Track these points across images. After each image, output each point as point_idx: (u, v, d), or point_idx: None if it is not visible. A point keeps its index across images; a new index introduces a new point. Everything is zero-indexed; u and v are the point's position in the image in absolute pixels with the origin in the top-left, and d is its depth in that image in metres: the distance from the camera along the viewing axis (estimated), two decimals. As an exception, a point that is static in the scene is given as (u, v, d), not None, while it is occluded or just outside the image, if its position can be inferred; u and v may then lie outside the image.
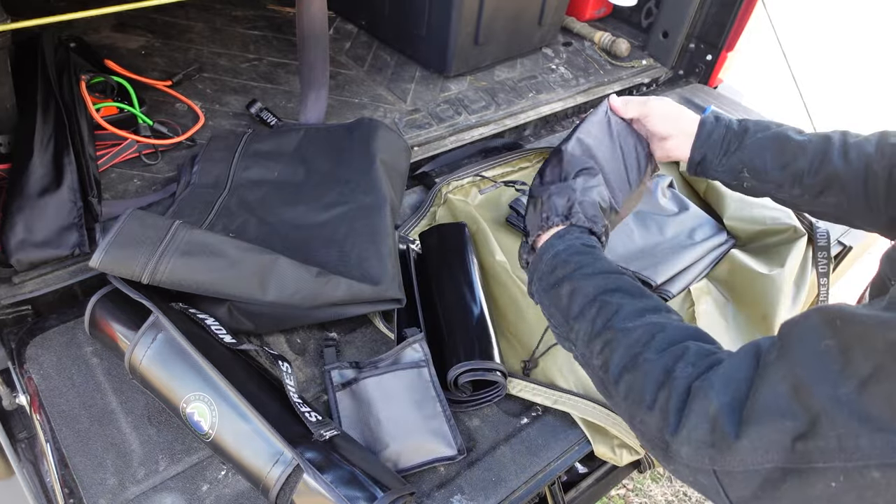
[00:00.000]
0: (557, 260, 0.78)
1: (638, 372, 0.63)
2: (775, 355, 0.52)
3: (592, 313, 0.70)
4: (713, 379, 0.56)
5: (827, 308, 0.50)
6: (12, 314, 1.00)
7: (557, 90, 1.74)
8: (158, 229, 0.92)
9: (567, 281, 0.75)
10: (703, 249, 1.30)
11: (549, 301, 0.78)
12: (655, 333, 0.65)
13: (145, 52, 1.63)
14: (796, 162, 0.90)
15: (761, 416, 0.50)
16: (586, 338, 0.70)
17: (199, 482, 0.85)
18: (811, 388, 0.47)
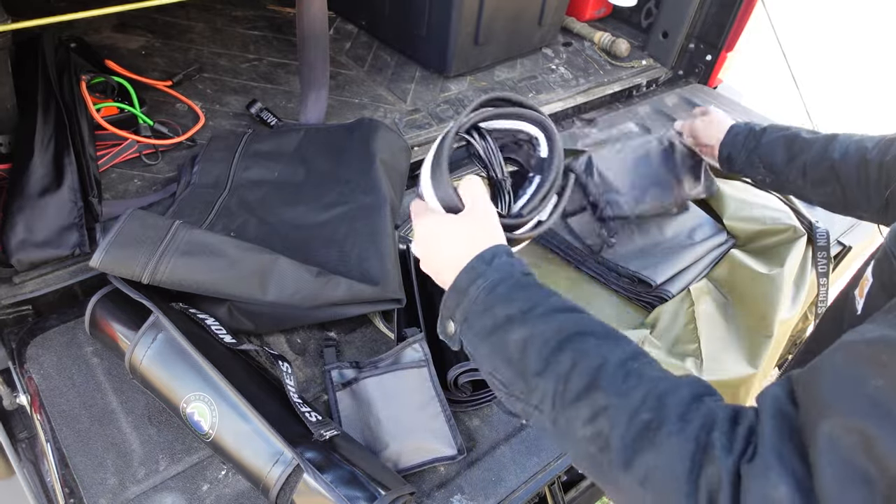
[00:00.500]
0: (494, 296, 0.61)
1: (661, 450, 0.48)
2: (815, 413, 0.44)
3: (564, 368, 0.55)
4: (767, 457, 0.45)
5: (854, 342, 0.44)
6: (13, 314, 1.00)
7: (557, 90, 1.74)
8: (159, 229, 0.92)
9: (516, 325, 0.58)
10: (702, 249, 1.30)
11: (490, 351, 0.60)
12: (664, 394, 0.52)
13: (146, 52, 1.64)
14: (802, 156, 1.05)
15: (839, 491, 0.41)
16: (560, 401, 0.54)
17: (200, 482, 0.85)
18: (881, 442, 0.39)
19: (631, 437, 0.50)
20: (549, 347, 0.56)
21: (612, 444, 0.50)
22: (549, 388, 0.55)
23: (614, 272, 1.24)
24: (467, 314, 0.62)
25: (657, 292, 1.20)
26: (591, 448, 0.52)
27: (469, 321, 0.62)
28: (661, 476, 0.48)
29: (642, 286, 1.22)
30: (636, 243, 1.29)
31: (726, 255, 1.30)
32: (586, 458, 0.53)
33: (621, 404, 0.51)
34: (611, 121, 1.74)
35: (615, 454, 0.50)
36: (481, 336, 0.61)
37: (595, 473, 0.54)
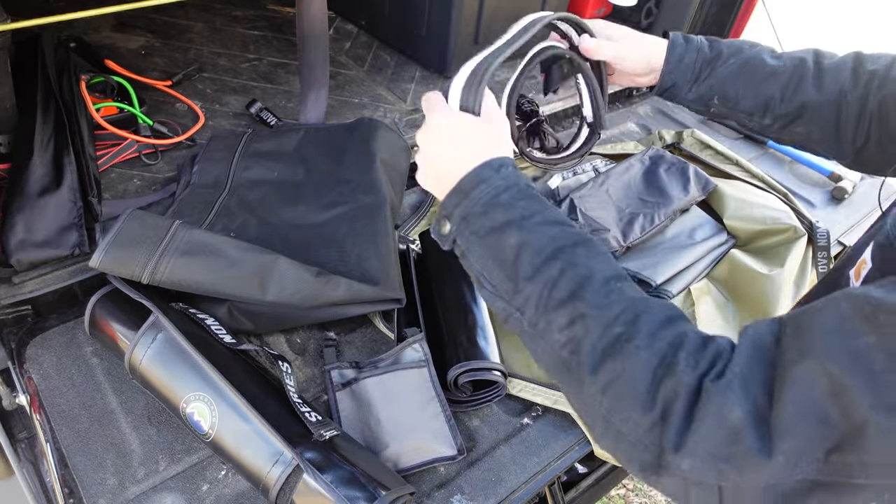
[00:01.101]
0: (499, 201, 0.62)
1: (627, 360, 0.51)
2: (797, 352, 0.44)
3: (552, 275, 0.57)
4: (732, 380, 0.46)
5: (859, 296, 0.43)
6: (12, 314, 1.00)
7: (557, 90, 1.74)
8: (158, 229, 0.92)
9: (514, 229, 0.60)
10: (703, 249, 1.30)
11: (486, 251, 0.61)
12: (640, 312, 0.54)
13: (145, 51, 1.63)
14: (768, 90, 0.87)
15: (794, 426, 0.42)
16: (543, 306, 0.57)
17: (200, 482, 0.85)
18: (853, 392, 0.40)
19: (602, 346, 0.52)
20: (542, 256, 0.58)
21: (583, 349, 0.53)
22: (535, 292, 0.57)
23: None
24: (467, 214, 0.63)
25: (657, 292, 1.20)
26: (563, 352, 0.55)
27: (468, 220, 0.63)
28: (622, 384, 0.51)
29: (642, 286, 1.22)
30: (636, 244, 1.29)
31: (726, 255, 1.30)
32: (556, 361, 0.56)
33: (599, 315, 0.54)
34: (611, 120, 1.74)
35: (585, 358, 0.53)
36: (478, 236, 0.62)
37: (561, 376, 0.57)
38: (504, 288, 0.60)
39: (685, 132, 1.62)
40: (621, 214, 1.30)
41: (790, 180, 1.57)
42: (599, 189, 1.34)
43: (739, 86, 0.89)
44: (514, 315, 0.59)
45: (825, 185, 1.57)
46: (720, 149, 1.57)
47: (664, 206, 1.32)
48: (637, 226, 1.28)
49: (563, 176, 1.43)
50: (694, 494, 0.48)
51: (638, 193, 1.36)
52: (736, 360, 0.48)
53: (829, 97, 0.84)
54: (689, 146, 1.59)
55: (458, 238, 0.64)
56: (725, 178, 1.50)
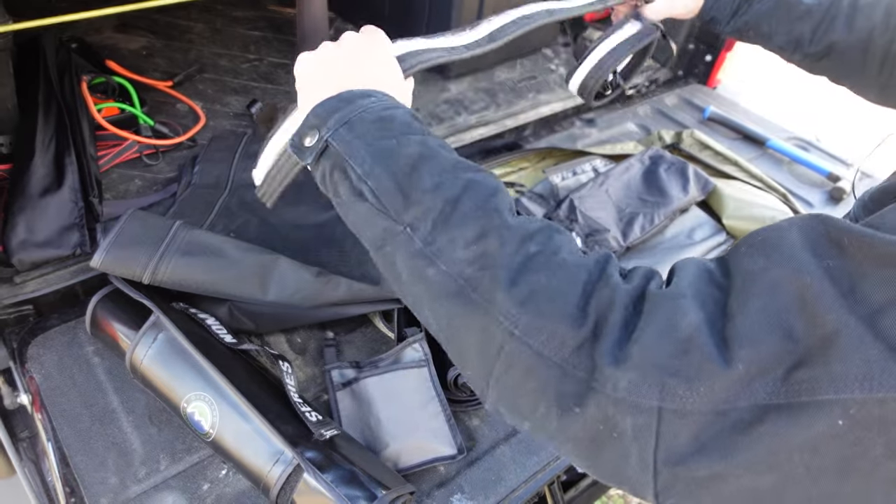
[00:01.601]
0: (392, 113, 0.54)
1: (552, 271, 0.44)
2: (762, 262, 0.40)
3: (455, 192, 0.48)
4: (683, 289, 0.41)
5: (824, 220, 0.40)
6: (14, 314, 1.01)
7: (557, 90, 1.74)
8: (159, 229, 0.92)
9: (414, 141, 0.52)
10: (702, 249, 1.30)
11: (373, 157, 0.51)
12: (554, 234, 0.47)
13: (146, 52, 1.64)
14: (800, 28, 0.91)
15: (756, 335, 0.37)
16: (444, 220, 0.48)
17: (200, 481, 0.85)
18: (823, 300, 0.36)
19: (520, 259, 0.45)
20: (447, 171, 0.50)
21: (498, 262, 0.45)
22: (435, 206, 0.48)
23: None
24: (350, 118, 0.53)
25: (657, 292, 1.21)
26: (467, 269, 0.45)
27: (351, 124, 0.53)
28: (547, 296, 0.43)
29: (642, 286, 1.22)
30: (636, 243, 1.30)
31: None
32: (455, 284, 0.46)
33: (515, 228, 0.47)
34: (610, 121, 1.74)
35: (500, 271, 0.44)
36: (364, 139, 0.52)
37: (457, 303, 0.46)
38: (391, 201, 0.50)
39: (684, 132, 1.62)
40: (621, 214, 1.30)
41: (789, 180, 1.57)
42: (599, 189, 1.34)
43: (773, 23, 0.93)
44: (400, 234, 0.49)
45: (823, 185, 1.57)
46: (719, 149, 1.57)
47: (664, 206, 1.33)
48: (637, 226, 1.28)
49: (562, 176, 1.44)
50: (622, 427, 0.39)
51: (637, 193, 1.36)
52: (681, 276, 0.43)
53: (857, 38, 0.86)
54: (688, 146, 1.59)
55: (332, 141, 0.53)
56: (724, 178, 1.50)
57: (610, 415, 0.39)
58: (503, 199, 0.50)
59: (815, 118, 1.81)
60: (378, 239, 0.51)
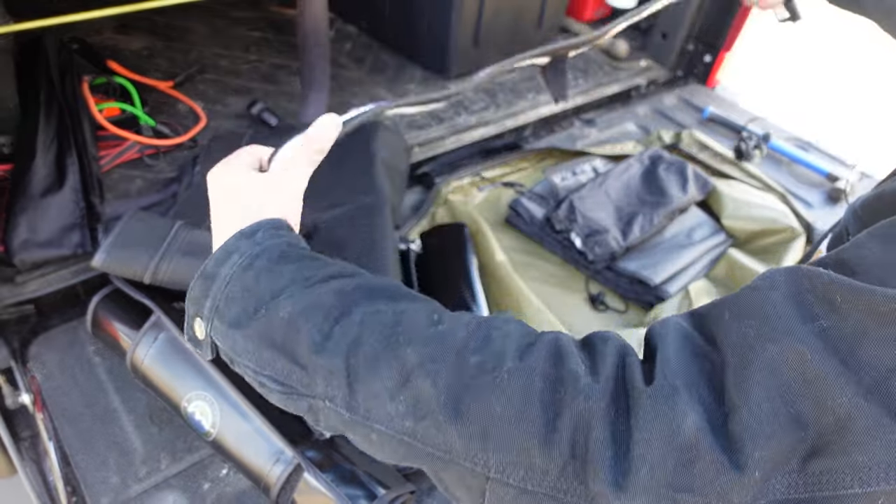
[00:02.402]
0: (253, 272, 0.46)
1: (501, 393, 0.37)
2: (752, 335, 0.35)
3: (352, 334, 0.41)
4: (672, 380, 0.35)
5: (808, 274, 0.35)
6: (15, 313, 1.01)
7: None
8: (160, 230, 0.93)
9: (283, 299, 0.44)
10: (701, 249, 1.30)
11: (251, 343, 0.44)
12: (490, 330, 0.40)
13: (147, 53, 1.64)
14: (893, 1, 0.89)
15: (765, 427, 0.33)
16: (355, 375, 0.40)
17: (201, 480, 0.86)
18: (827, 380, 0.32)
19: (462, 384, 0.38)
20: (331, 317, 0.42)
21: (436, 402, 0.38)
22: (337, 363, 0.41)
23: (613, 272, 1.25)
24: (217, 303, 0.46)
25: (656, 292, 1.21)
26: (406, 423, 0.39)
27: (220, 311, 0.46)
28: (506, 427, 0.36)
29: (641, 286, 1.22)
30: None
31: (724, 254, 1.31)
32: (402, 443, 0.40)
33: (439, 351, 0.39)
34: (610, 121, 1.74)
35: (441, 411, 0.37)
36: (238, 325, 0.45)
37: (419, 457, 0.40)
38: (295, 380, 0.42)
39: (684, 133, 1.63)
40: (620, 214, 1.31)
41: (788, 180, 1.57)
42: (598, 189, 1.34)
43: None
44: (326, 409, 0.42)
45: (822, 185, 1.58)
46: (718, 149, 1.58)
47: (663, 206, 1.33)
48: (636, 226, 1.28)
49: (562, 176, 1.44)
50: None
51: (637, 193, 1.37)
52: (669, 357, 0.37)
53: None
54: (687, 147, 1.60)
55: (217, 341, 0.47)
56: (724, 178, 1.51)
57: None
58: (412, 315, 0.42)
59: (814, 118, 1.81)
60: (312, 419, 0.44)
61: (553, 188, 1.39)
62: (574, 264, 1.28)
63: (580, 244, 1.26)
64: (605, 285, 1.26)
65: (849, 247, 0.37)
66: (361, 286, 0.44)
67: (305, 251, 0.48)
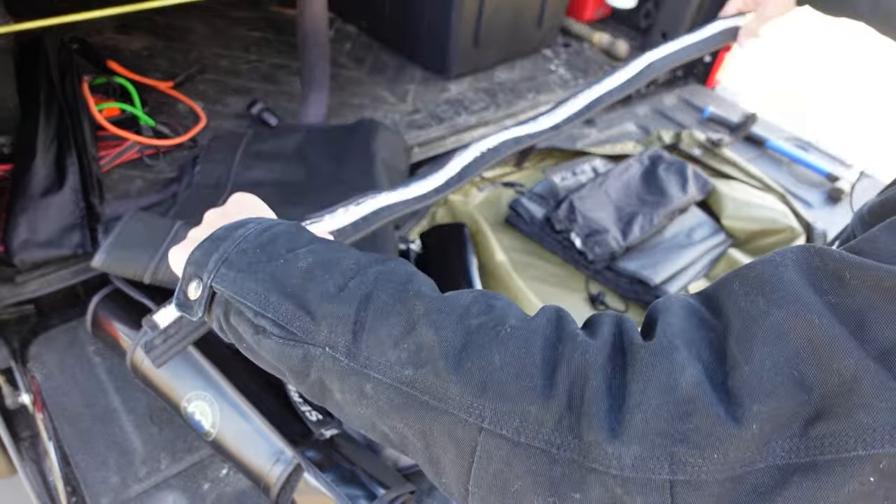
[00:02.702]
0: (271, 234, 0.48)
1: (503, 346, 0.38)
2: (763, 304, 0.35)
3: (365, 288, 0.43)
4: (672, 339, 0.36)
5: (819, 252, 0.36)
6: (15, 313, 1.01)
7: (557, 91, 1.75)
8: (160, 230, 0.93)
9: (303, 254, 0.46)
10: (701, 249, 1.30)
11: (263, 285, 0.45)
12: (494, 302, 0.42)
13: (147, 53, 1.64)
14: (890, 4, 0.95)
15: (766, 383, 0.33)
16: (361, 324, 0.42)
17: (201, 480, 0.86)
18: (837, 343, 0.32)
19: (463, 338, 0.39)
20: (349, 271, 0.44)
21: (439, 351, 0.39)
22: (346, 312, 0.42)
23: (613, 272, 1.25)
24: (227, 256, 0.47)
25: (656, 292, 1.21)
26: (406, 371, 0.39)
27: (230, 261, 0.46)
28: (506, 375, 0.37)
29: (641, 286, 1.22)
30: (635, 243, 1.30)
31: (724, 254, 1.31)
32: (398, 392, 0.40)
33: (445, 308, 0.41)
34: (610, 121, 1.75)
35: (444, 360, 0.38)
36: (247, 271, 0.45)
37: (412, 408, 0.39)
38: (298, 324, 0.43)
39: (684, 133, 1.63)
40: (620, 214, 1.31)
41: (788, 180, 1.57)
42: (598, 189, 1.34)
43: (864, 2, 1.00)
44: (320, 357, 0.42)
45: (822, 185, 1.58)
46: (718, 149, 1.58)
47: (663, 206, 1.33)
48: (636, 226, 1.28)
49: (562, 176, 1.44)
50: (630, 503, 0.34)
51: (637, 193, 1.37)
52: (667, 322, 0.38)
53: None
54: (687, 147, 1.60)
55: (218, 286, 0.46)
56: (723, 178, 1.51)
57: (618, 496, 0.34)
58: (423, 281, 0.45)
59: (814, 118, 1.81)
60: (300, 372, 0.44)
61: (553, 188, 1.39)
62: (574, 264, 1.28)
63: (580, 244, 1.26)
64: (605, 285, 1.26)
65: (862, 239, 0.37)
66: (378, 257, 0.47)
67: (301, 228, 0.51)
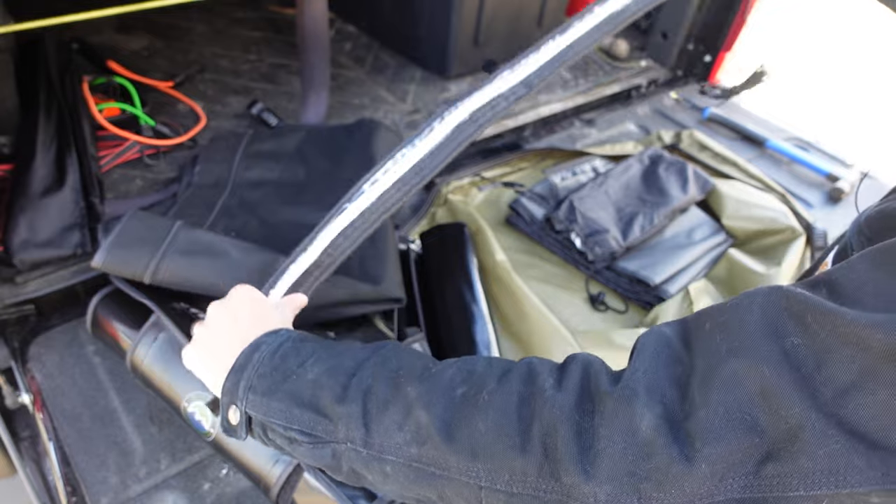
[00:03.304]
0: (281, 354, 0.55)
1: (484, 414, 0.44)
2: (724, 350, 0.40)
3: (366, 384, 0.50)
4: (634, 385, 0.41)
5: (786, 294, 0.39)
6: (15, 313, 1.01)
7: (557, 91, 1.75)
8: (160, 230, 0.93)
9: (309, 366, 0.53)
10: (701, 249, 1.30)
11: (284, 403, 0.53)
12: (472, 367, 0.49)
13: (147, 53, 1.64)
14: None
15: (718, 428, 0.37)
16: (370, 417, 0.49)
17: (201, 480, 0.86)
18: (784, 393, 0.36)
19: (451, 413, 0.46)
20: (346, 374, 0.51)
21: (433, 430, 0.45)
22: (354, 410, 0.49)
23: (613, 272, 1.25)
24: (251, 383, 0.54)
25: (656, 292, 1.21)
26: (412, 450, 0.46)
27: (254, 387, 0.54)
28: (490, 440, 0.43)
29: (641, 286, 1.22)
30: (635, 243, 1.30)
31: (724, 254, 1.31)
32: (410, 469, 0.47)
33: (432, 388, 0.48)
34: (610, 121, 1.74)
35: (437, 435, 0.45)
36: (270, 393, 0.53)
37: (426, 481, 0.47)
38: (321, 428, 0.51)
39: (684, 133, 1.63)
40: (620, 214, 1.31)
41: (788, 181, 1.57)
42: (598, 190, 1.34)
43: None
44: (346, 451, 0.50)
45: (823, 185, 1.58)
46: (718, 150, 1.58)
47: (663, 206, 1.33)
48: (636, 226, 1.28)
49: (562, 176, 1.44)
50: None
51: (637, 193, 1.37)
52: (636, 364, 0.42)
53: None
54: (687, 147, 1.60)
55: (251, 411, 0.54)
56: (724, 178, 1.51)
57: None
58: (412, 362, 0.52)
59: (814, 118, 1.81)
60: (334, 467, 0.52)
61: (553, 188, 1.39)
62: (574, 264, 1.28)
63: (580, 244, 1.26)
64: (605, 285, 1.26)
65: (842, 267, 0.40)
66: (374, 349, 0.54)
67: (322, 338, 0.58)
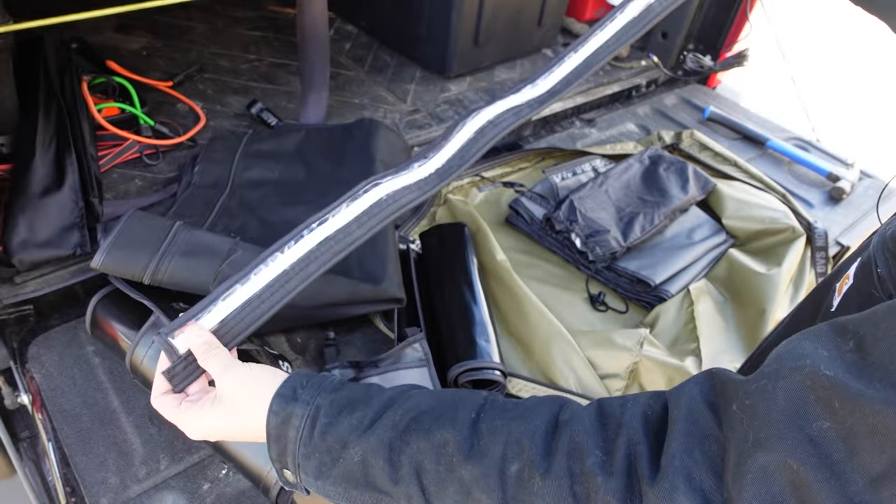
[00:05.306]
0: (319, 429, 0.55)
1: (539, 498, 0.46)
2: (752, 440, 0.40)
3: (416, 461, 0.51)
4: (673, 476, 0.42)
5: (811, 375, 0.39)
6: (14, 314, 1.01)
7: (557, 91, 1.74)
8: (159, 230, 0.92)
9: (351, 445, 0.54)
10: (702, 249, 1.30)
11: (340, 487, 0.54)
12: (519, 437, 0.49)
13: (147, 52, 1.64)
14: None
15: None
16: (429, 496, 0.50)
17: (200, 481, 0.86)
18: (814, 488, 0.36)
19: (511, 496, 0.47)
20: (395, 450, 0.52)
21: None
22: (414, 489, 0.51)
23: (613, 272, 1.25)
24: (297, 460, 0.56)
25: (656, 292, 1.21)
26: None
27: (302, 467, 0.55)
28: None
29: (641, 286, 1.22)
30: (635, 243, 1.30)
31: (725, 254, 1.30)
32: None
33: (486, 469, 0.49)
34: (610, 121, 1.74)
35: None
36: (322, 476, 0.55)
37: None
38: (385, 501, 0.53)
39: (684, 133, 1.63)
40: (621, 214, 1.31)
41: (788, 180, 1.57)
42: (599, 189, 1.34)
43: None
44: None
45: (823, 185, 1.57)
46: (719, 150, 1.57)
47: (663, 206, 1.33)
48: (637, 226, 1.28)
49: (562, 176, 1.44)
50: None
51: (637, 193, 1.36)
52: (672, 447, 0.43)
53: None
54: (687, 147, 1.60)
55: (308, 487, 0.57)
56: (724, 178, 1.51)
57: None
58: (455, 434, 0.51)
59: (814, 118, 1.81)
60: None
61: (553, 188, 1.39)
62: (574, 264, 1.28)
63: (580, 244, 1.26)
64: (606, 285, 1.25)
65: (868, 320, 0.40)
66: (406, 411, 0.54)
67: (346, 386, 0.58)
